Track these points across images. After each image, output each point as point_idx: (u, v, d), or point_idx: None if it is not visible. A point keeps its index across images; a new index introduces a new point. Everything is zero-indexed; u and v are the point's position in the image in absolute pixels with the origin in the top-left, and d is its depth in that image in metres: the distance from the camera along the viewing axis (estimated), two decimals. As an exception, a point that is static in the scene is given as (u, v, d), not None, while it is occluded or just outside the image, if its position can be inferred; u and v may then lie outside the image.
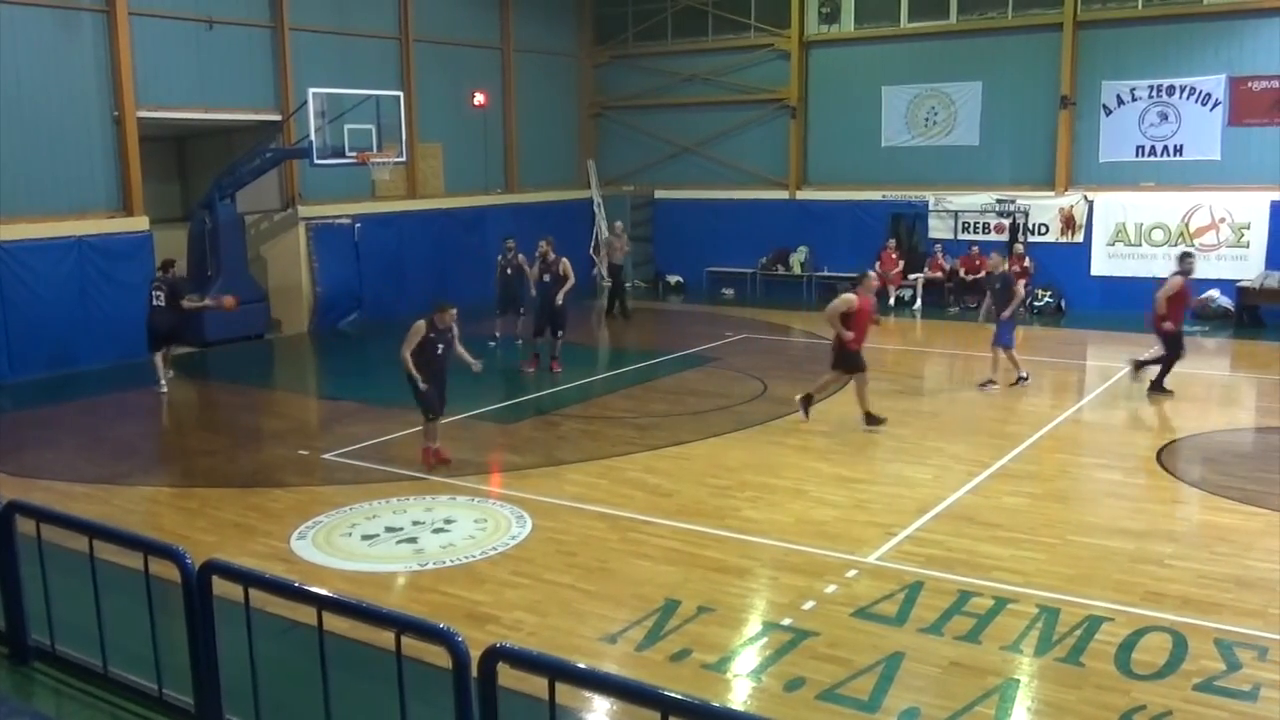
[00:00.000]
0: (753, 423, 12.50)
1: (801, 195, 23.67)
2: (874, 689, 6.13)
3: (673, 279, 24.98)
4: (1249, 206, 19.22)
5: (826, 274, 23.03)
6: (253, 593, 5.01)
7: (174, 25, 17.41)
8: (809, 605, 7.32)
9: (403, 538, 8.83)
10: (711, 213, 24.35)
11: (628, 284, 25.36)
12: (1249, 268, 19.17)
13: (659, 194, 25.44)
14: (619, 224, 21.60)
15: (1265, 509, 9.22)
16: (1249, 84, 19.18)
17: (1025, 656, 6.55)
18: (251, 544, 8.72)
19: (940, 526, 8.91)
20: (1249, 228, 19.26)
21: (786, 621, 7.07)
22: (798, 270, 23.46)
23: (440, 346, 10.50)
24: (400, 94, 19.29)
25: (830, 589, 7.61)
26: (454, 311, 10.57)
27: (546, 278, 15.41)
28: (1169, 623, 6.93)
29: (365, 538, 8.85)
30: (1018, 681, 6.26)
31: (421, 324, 10.38)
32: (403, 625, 4.47)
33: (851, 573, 7.91)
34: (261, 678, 5.07)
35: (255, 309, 18.63)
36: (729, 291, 23.89)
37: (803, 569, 8.01)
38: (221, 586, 5.09)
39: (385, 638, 4.54)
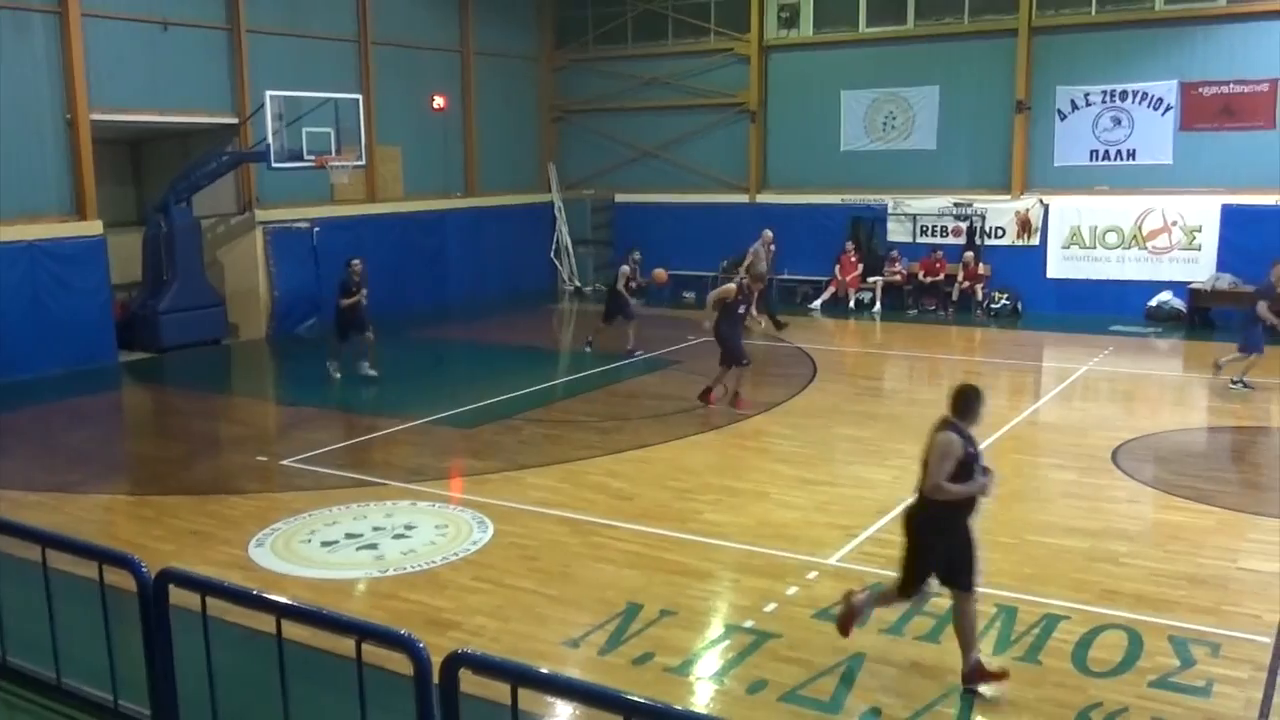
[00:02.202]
0: (714, 426, 12.53)
1: (761, 199, 23.77)
2: (835, 690, 6.16)
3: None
4: (1200, 210, 19.54)
5: (787, 277, 23.14)
6: (210, 601, 4.95)
7: (128, 27, 17.19)
8: (771, 607, 7.35)
9: (363, 544, 8.76)
10: (672, 216, 24.38)
11: (588, 287, 25.42)
12: (1200, 270, 19.50)
13: (619, 197, 25.45)
14: (769, 232, 20.32)
15: (1217, 507, 9.39)
16: (1199, 89, 19.52)
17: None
18: (209, 552, 8.62)
19: (900, 527, 8.95)
20: (1200, 231, 19.59)
21: (748, 624, 7.10)
22: (758, 273, 23.51)
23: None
24: (359, 97, 19.17)
25: (792, 591, 7.64)
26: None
27: (742, 309, 13.53)
28: (1124, 620, 7.02)
29: (325, 544, 8.78)
30: (977, 680, 6.32)
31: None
32: (363, 632, 4.44)
33: (813, 574, 7.96)
34: (219, 687, 5.02)
35: (211, 314, 18.44)
36: (689, 295, 23.90)
37: (764, 571, 8.05)
38: (178, 595, 5.03)
39: (346, 645, 4.50)
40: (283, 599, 5.04)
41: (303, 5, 20.03)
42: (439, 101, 22.76)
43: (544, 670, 4.61)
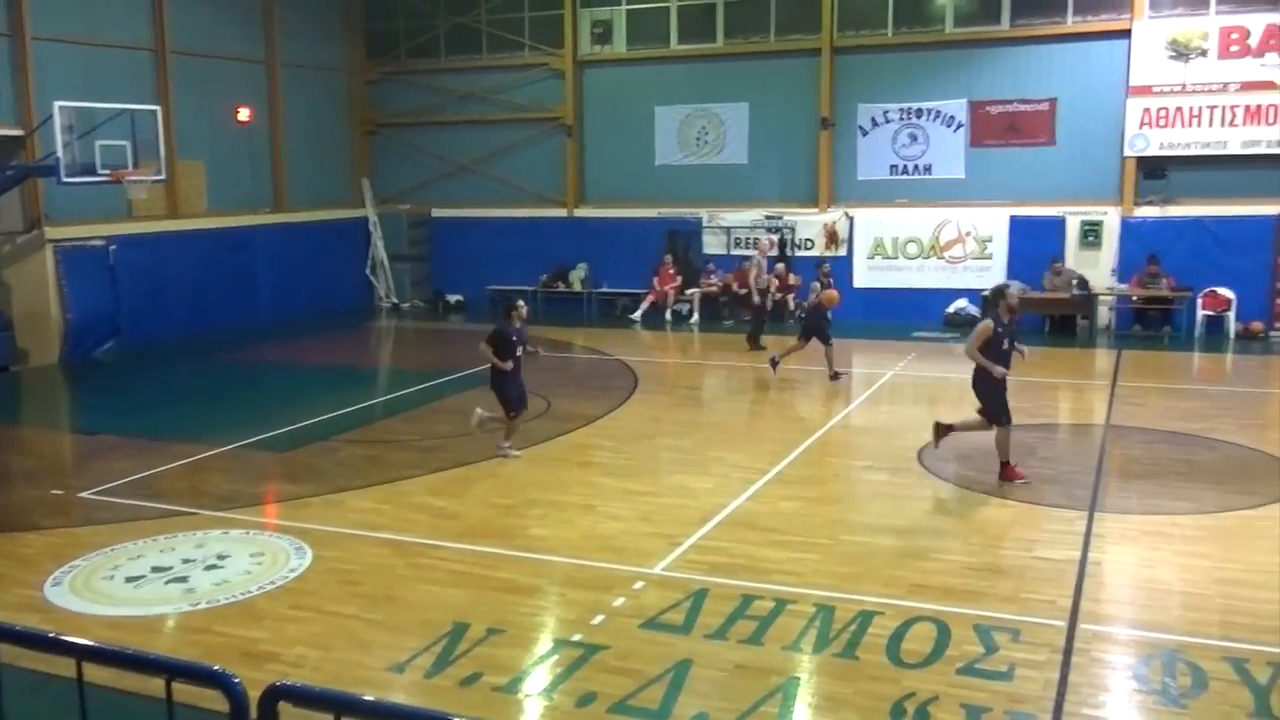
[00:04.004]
0: (538, 440, 12.49)
1: (579, 213, 23.94)
2: (664, 697, 6.24)
3: (453, 298, 24.74)
4: (990, 221, 20.81)
5: (606, 290, 23.39)
6: (2, 647, 4.63)
7: (-107, 31, 15.95)
8: (598, 620, 7.38)
9: (172, 577, 8.35)
10: (490, 231, 24.29)
11: (406, 304, 24.99)
12: (992, 277, 20.64)
13: (436, 212, 25.15)
14: (764, 240, 20.00)
15: (1013, 500, 9.98)
16: (987, 108, 20.79)
17: (805, 654, 6.82)
18: (0, 594, 8.05)
19: (722, 534, 9.17)
20: (991, 240, 20.87)
21: (576, 637, 7.11)
22: (578, 287, 23.70)
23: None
24: (157, 108, 18.27)
25: (619, 602, 7.70)
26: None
27: (1006, 345, 10.46)
28: (933, 613, 7.37)
29: (129, 580, 8.31)
30: (799, 679, 6.51)
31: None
32: (172, 670, 4.22)
33: (639, 584, 8.03)
34: (14, 739, 4.69)
35: (-3, 339, 17.25)
36: (511, 310, 23.81)
37: (591, 584, 8.08)
38: (-36, 643, 4.68)
39: (155, 685, 4.28)
40: (83, 640, 4.75)
41: (95, 12, 18.98)
42: (244, 114, 21.98)
43: (368, 698, 4.49)
